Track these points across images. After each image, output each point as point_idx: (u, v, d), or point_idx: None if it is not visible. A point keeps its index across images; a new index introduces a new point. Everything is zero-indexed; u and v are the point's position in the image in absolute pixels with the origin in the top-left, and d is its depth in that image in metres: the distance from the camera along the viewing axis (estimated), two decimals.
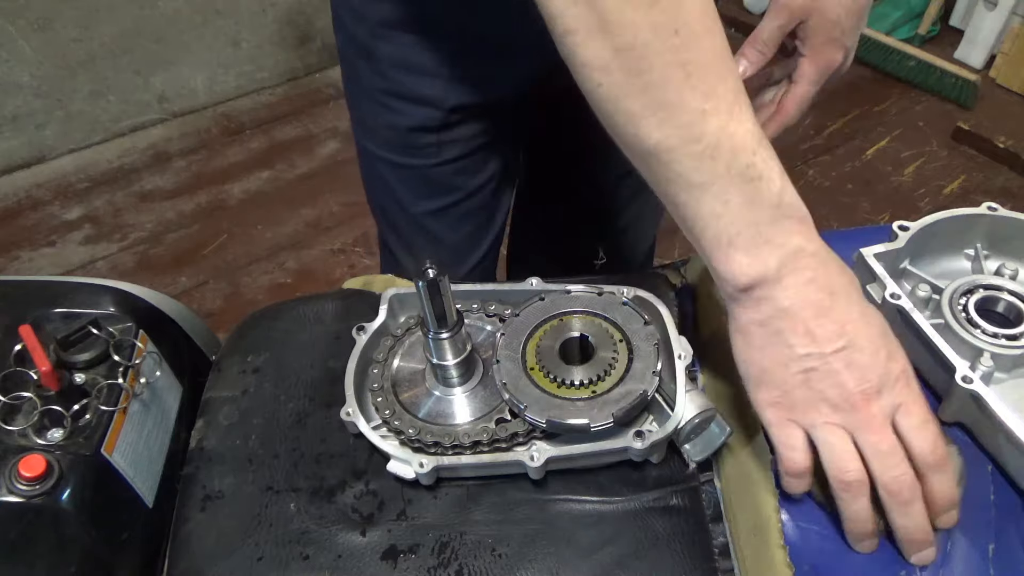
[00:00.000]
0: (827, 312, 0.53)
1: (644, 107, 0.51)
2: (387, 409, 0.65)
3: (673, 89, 0.50)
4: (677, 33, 0.49)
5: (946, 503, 0.54)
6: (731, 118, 0.51)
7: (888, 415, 0.53)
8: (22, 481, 0.58)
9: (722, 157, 0.51)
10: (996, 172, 2.37)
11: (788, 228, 0.53)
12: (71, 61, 2.27)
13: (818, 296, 0.53)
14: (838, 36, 0.73)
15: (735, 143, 0.51)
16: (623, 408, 0.61)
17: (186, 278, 2.06)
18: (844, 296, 0.54)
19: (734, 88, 0.52)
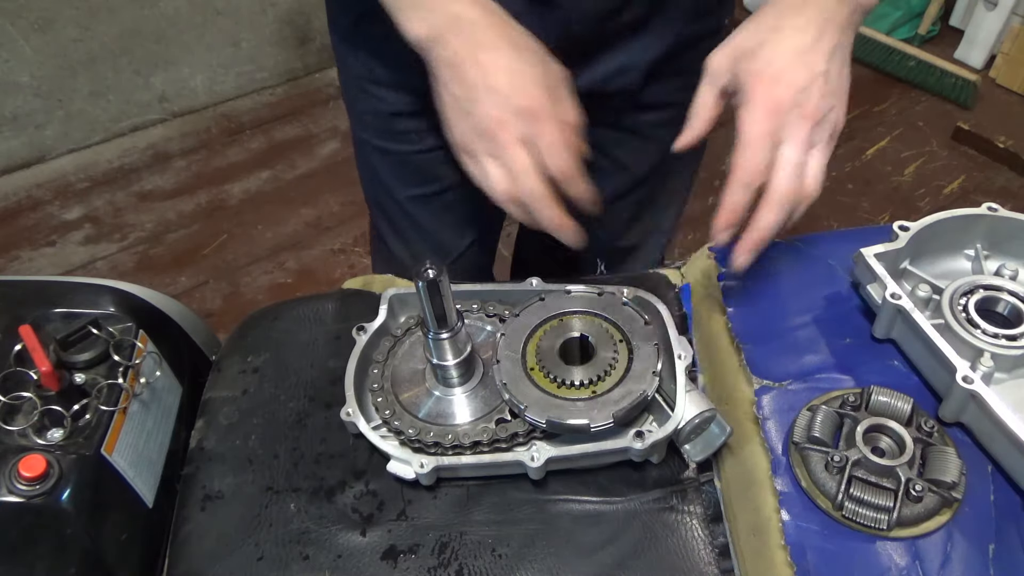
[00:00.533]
0: (476, 64, 0.65)
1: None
2: (387, 409, 0.65)
3: None
4: None
5: (587, 200, 0.69)
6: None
7: (522, 139, 0.65)
8: (22, 481, 0.58)
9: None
10: (996, 172, 2.37)
11: (442, 2, 0.65)
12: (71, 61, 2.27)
13: (469, 52, 0.65)
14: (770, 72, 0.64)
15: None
16: (623, 408, 0.61)
17: (186, 278, 2.06)
18: (492, 50, 0.65)
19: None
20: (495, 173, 0.67)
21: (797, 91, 0.63)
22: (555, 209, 0.67)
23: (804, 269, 0.76)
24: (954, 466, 0.58)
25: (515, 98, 0.65)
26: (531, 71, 0.66)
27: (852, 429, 0.61)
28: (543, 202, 0.66)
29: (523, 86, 0.66)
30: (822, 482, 0.59)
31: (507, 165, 0.66)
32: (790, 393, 0.65)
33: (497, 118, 0.65)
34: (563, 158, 0.66)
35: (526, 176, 0.66)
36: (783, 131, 0.63)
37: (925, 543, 0.56)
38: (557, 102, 0.67)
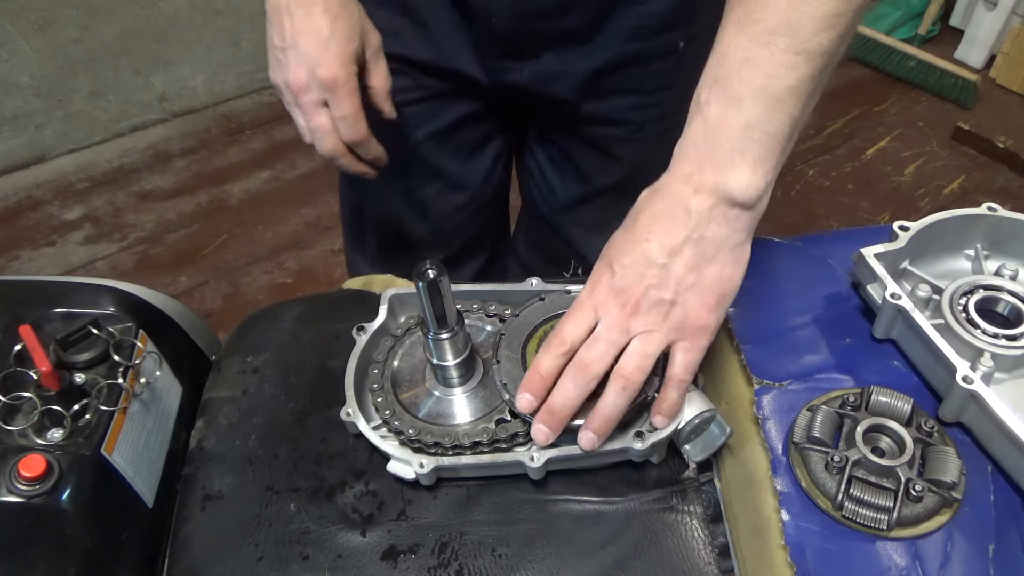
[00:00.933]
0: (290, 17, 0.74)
1: None
2: (387, 409, 0.65)
3: None
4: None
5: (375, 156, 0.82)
6: None
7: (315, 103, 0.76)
8: (22, 481, 0.58)
9: None
10: (996, 172, 2.37)
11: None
12: (71, 61, 2.27)
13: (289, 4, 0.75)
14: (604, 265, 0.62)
15: None
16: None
17: (186, 278, 2.06)
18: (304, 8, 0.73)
19: None
20: (302, 126, 0.77)
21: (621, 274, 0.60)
22: (350, 159, 0.79)
23: (804, 269, 0.76)
24: (954, 466, 0.58)
25: (318, 68, 0.72)
26: (336, 44, 0.72)
27: (852, 429, 0.61)
28: (340, 157, 0.79)
29: (326, 58, 0.72)
30: (822, 482, 0.59)
31: (309, 125, 0.76)
32: (790, 393, 0.65)
33: (302, 80, 0.74)
34: (353, 128, 0.76)
35: (325, 137, 0.77)
36: (600, 309, 0.60)
37: (925, 543, 0.56)
38: (355, 75, 0.74)
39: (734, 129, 0.57)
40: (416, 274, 0.58)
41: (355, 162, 0.80)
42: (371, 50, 0.77)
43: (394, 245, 1.08)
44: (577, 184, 1.02)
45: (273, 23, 0.74)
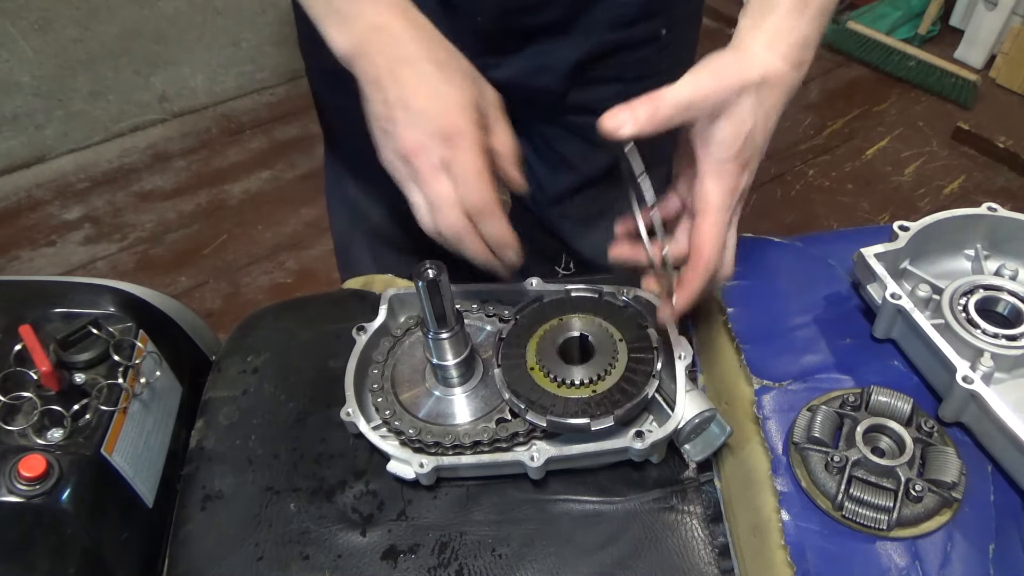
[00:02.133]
0: (396, 80, 0.61)
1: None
2: (387, 409, 0.65)
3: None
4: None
5: (500, 243, 0.63)
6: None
7: (439, 166, 0.61)
8: (22, 481, 0.58)
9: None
10: (996, 172, 2.37)
11: (361, 9, 0.62)
12: (71, 61, 2.27)
13: (389, 66, 0.61)
14: (746, 153, 0.61)
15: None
16: (623, 408, 0.61)
17: (186, 278, 2.06)
18: (412, 66, 0.61)
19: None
20: (419, 202, 0.63)
21: (749, 176, 0.62)
22: (477, 243, 0.63)
23: (804, 269, 0.76)
24: (954, 466, 0.58)
25: (434, 120, 0.61)
26: (453, 91, 0.62)
27: (852, 429, 0.61)
28: (463, 237, 0.62)
29: (443, 107, 0.61)
30: (822, 482, 0.59)
31: (428, 196, 0.62)
32: (790, 393, 0.65)
33: (416, 142, 0.61)
34: (478, 191, 0.61)
35: (446, 209, 0.61)
36: (733, 217, 0.62)
37: (925, 543, 0.56)
38: (480, 127, 0.63)
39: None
40: (416, 274, 0.58)
41: (484, 249, 0.63)
42: (489, 105, 0.66)
43: (385, 250, 1.08)
44: (566, 175, 1.01)
45: (373, 94, 0.62)
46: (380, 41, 0.62)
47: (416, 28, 0.63)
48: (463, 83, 0.63)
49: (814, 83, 2.68)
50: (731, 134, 0.60)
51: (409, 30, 0.62)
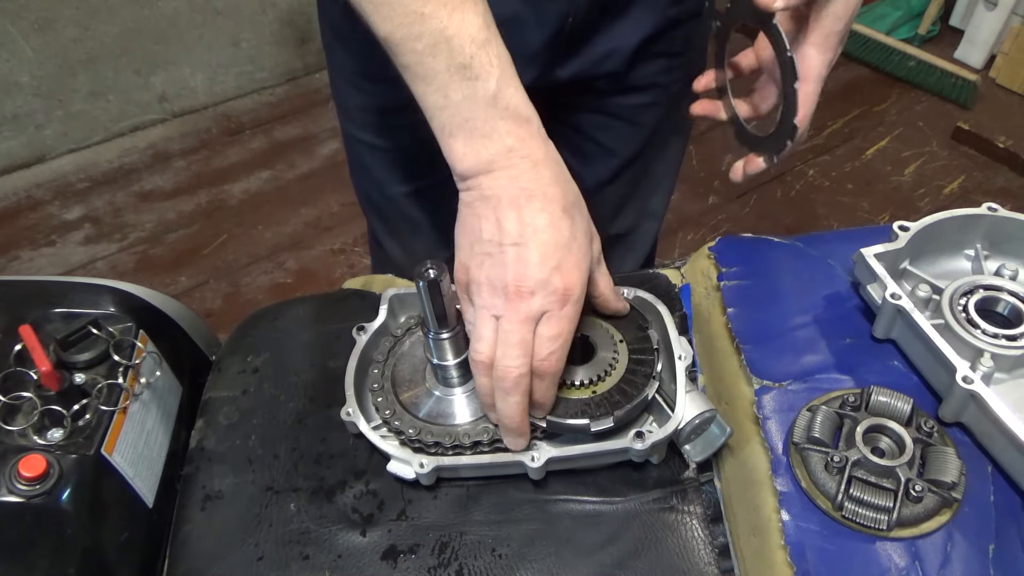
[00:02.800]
0: (519, 209, 0.58)
1: (372, 1, 0.58)
2: (387, 409, 0.65)
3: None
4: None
5: (541, 405, 0.61)
6: (451, 22, 0.56)
7: (532, 316, 0.57)
8: (22, 481, 0.58)
9: (441, 56, 0.57)
10: (996, 172, 2.37)
11: (502, 128, 0.58)
12: (71, 61, 2.27)
13: (515, 193, 0.58)
14: (845, 32, 0.68)
15: (452, 44, 0.56)
16: (623, 409, 0.61)
17: (186, 278, 2.06)
18: (542, 201, 0.58)
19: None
20: (485, 333, 0.58)
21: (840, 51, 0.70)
22: (520, 402, 0.58)
23: (804, 269, 0.76)
24: (954, 466, 0.58)
25: (553, 275, 0.57)
26: (576, 247, 0.58)
27: (852, 429, 0.61)
28: (513, 389, 0.58)
29: (566, 264, 0.57)
30: (822, 482, 0.59)
31: (501, 335, 0.57)
32: (790, 393, 0.65)
33: (524, 283, 0.57)
34: (558, 358, 0.58)
35: (513, 358, 0.57)
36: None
37: (925, 543, 0.56)
38: (585, 288, 0.60)
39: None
40: (416, 274, 0.58)
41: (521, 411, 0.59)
42: (596, 255, 0.63)
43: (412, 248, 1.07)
44: (604, 162, 1.02)
45: (486, 213, 0.58)
46: (515, 166, 0.58)
47: (554, 164, 0.60)
48: (584, 239, 0.60)
49: None
50: (843, 9, 0.66)
51: (546, 164, 0.59)
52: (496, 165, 0.58)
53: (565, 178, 0.60)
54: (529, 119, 0.59)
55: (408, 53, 0.58)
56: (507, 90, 0.58)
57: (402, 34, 0.57)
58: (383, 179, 1.00)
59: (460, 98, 0.58)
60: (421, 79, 0.59)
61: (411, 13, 0.56)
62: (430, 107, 0.59)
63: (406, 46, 0.58)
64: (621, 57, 0.87)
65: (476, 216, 0.59)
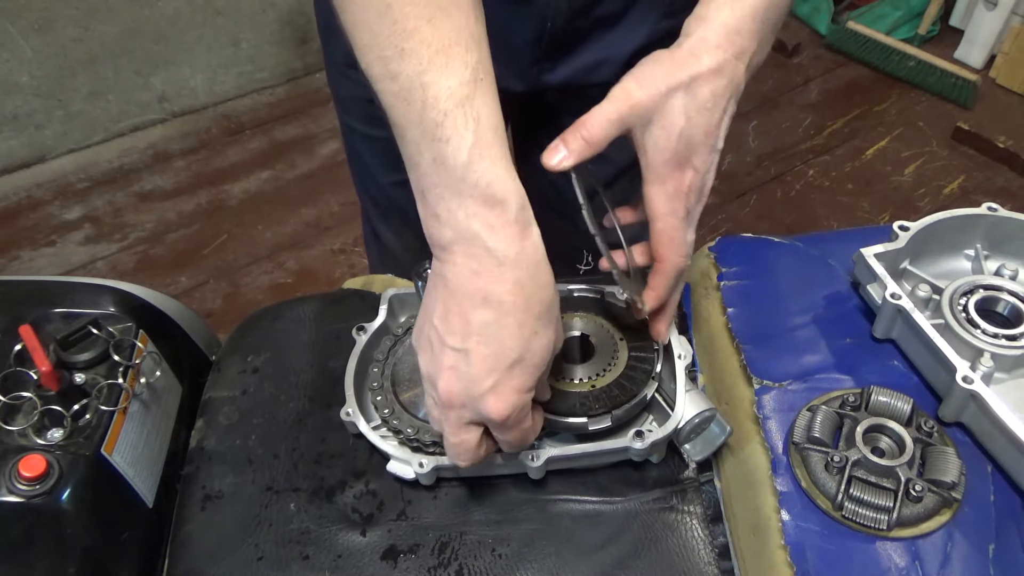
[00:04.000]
0: (469, 310, 0.51)
1: (354, 23, 0.51)
2: (386, 408, 0.65)
3: (374, 15, 0.49)
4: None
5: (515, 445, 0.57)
6: (431, 67, 0.49)
7: (464, 421, 0.55)
8: (22, 481, 0.58)
9: (414, 105, 0.49)
10: (996, 172, 2.37)
11: (469, 208, 0.50)
12: (71, 61, 2.27)
13: (471, 290, 0.51)
14: (684, 152, 0.58)
15: (428, 95, 0.49)
16: (623, 409, 0.61)
17: (186, 278, 2.06)
18: (497, 311, 0.51)
19: (448, 39, 0.49)
20: (432, 412, 0.57)
21: (703, 175, 0.60)
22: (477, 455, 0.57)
23: (804, 269, 0.76)
24: (954, 466, 0.58)
25: (486, 398, 0.52)
26: (524, 367, 0.53)
27: (852, 429, 0.61)
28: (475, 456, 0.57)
29: (504, 387, 0.52)
30: (822, 482, 0.59)
31: (452, 439, 0.56)
32: (790, 393, 0.65)
33: (452, 400, 0.54)
34: (511, 441, 0.57)
35: (457, 449, 0.57)
36: (689, 215, 0.61)
37: (925, 543, 0.56)
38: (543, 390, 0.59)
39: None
40: (415, 274, 0.58)
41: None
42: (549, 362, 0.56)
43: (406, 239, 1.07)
44: (600, 168, 1.02)
45: (439, 296, 0.53)
46: (476, 259, 0.50)
47: (526, 265, 0.51)
48: (540, 354, 0.53)
49: (814, 83, 2.68)
50: (663, 137, 0.58)
51: (516, 264, 0.51)
52: (457, 250, 0.51)
53: (537, 283, 0.52)
54: (504, 201, 0.50)
55: (384, 94, 0.51)
56: (480, 162, 0.49)
57: (379, 70, 0.50)
58: (375, 167, 1.00)
59: (430, 159, 0.50)
60: (396, 126, 0.52)
61: (391, 47, 0.49)
62: (406, 158, 0.53)
63: (382, 85, 0.51)
64: (613, 66, 0.86)
65: (432, 290, 0.54)
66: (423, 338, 0.56)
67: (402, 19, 0.48)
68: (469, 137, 0.49)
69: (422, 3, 0.49)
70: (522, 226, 0.51)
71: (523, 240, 0.51)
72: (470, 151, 0.49)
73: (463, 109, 0.49)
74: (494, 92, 0.51)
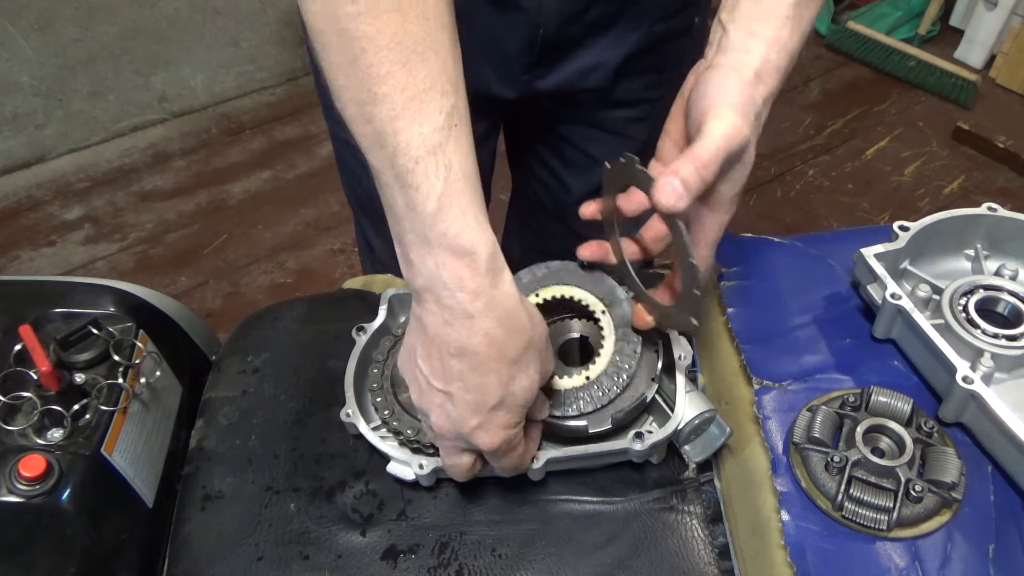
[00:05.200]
0: (444, 360, 0.52)
1: (330, 66, 0.50)
2: (386, 409, 0.65)
3: (348, 59, 0.48)
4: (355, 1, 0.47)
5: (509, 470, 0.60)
6: (404, 113, 0.48)
7: (458, 448, 0.57)
8: (22, 481, 0.58)
9: (386, 150, 0.49)
10: (996, 172, 2.37)
11: (438, 257, 0.49)
12: (71, 61, 2.27)
13: (445, 340, 0.51)
14: (738, 192, 0.58)
15: (399, 141, 0.48)
16: (622, 411, 0.61)
17: (186, 278, 2.06)
18: (471, 361, 0.51)
19: (423, 84, 0.48)
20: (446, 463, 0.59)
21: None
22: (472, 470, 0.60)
23: (804, 269, 0.76)
24: (954, 466, 0.58)
25: (476, 434, 0.54)
26: (509, 406, 0.53)
27: (852, 429, 0.61)
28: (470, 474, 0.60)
29: (491, 424, 0.53)
30: (822, 482, 0.59)
31: (448, 460, 0.59)
32: (790, 393, 0.65)
33: (444, 435, 0.55)
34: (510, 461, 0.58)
35: (455, 470, 0.59)
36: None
37: (925, 543, 0.56)
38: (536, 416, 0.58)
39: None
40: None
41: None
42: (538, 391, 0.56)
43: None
44: (595, 172, 1.02)
45: (420, 338, 0.53)
46: (448, 309, 0.50)
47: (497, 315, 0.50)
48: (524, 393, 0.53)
49: (814, 83, 2.68)
50: (742, 173, 0.57)
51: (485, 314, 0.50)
52: (429, 297, 0.51)
53: (510, 330, 0.51)
54: (472, 252, 0.49)
55: (360, 136, 0.50)
56: (449, 211, 0.49)
57: (354, 112, 0.50)
58: (362, 175, 1.00)
59: (402, 205, 0.49)
60: (373, 169, 0.51)
61: (365, 91, 0.48)
62: (382, 200, 0.52)
63: (357, 127, 0.50)
64: (605, 72, 0.86)
65: (412, 330, 0.55)
66: (409, 372, 0.56)
67: (376, 63, 0.47)
68: (439, 185, 0.48)
69: (397, 48, 0.48)
70: (493, 275, 0.50)
71: (493, 289, 0.50)
72: (439, 199, 0.48)
73: (434, 156, 0.48)
74: (469, 138, 0.51)
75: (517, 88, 0.86)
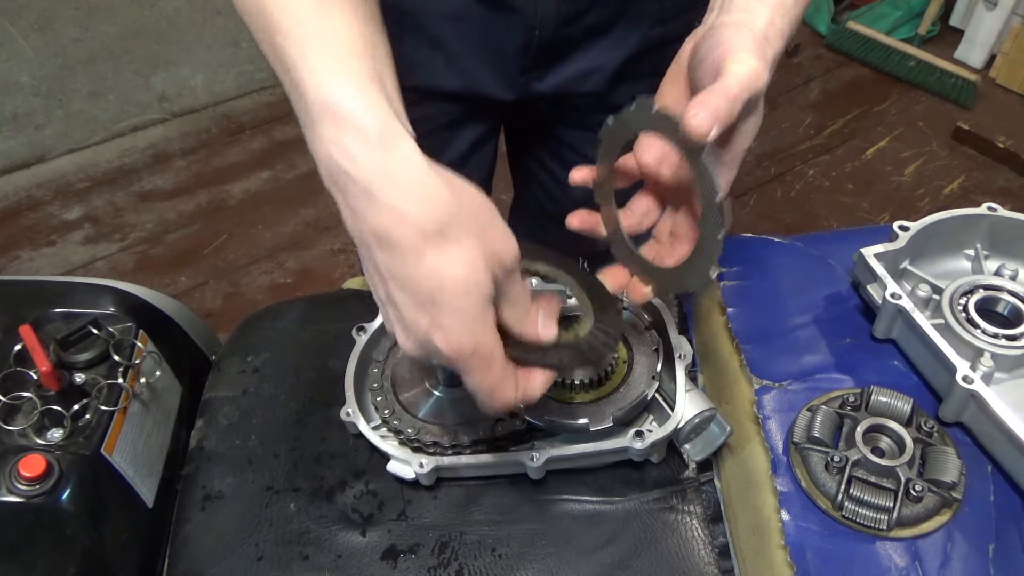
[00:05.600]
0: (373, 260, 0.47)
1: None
2: (386, 409, 0.65)
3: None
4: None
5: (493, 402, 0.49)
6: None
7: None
8: (22, 481, 0.58)
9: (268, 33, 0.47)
10: (996, 172, 2.37)
11: (323, 133, 0.46)
12: (71, 61, 2.27)
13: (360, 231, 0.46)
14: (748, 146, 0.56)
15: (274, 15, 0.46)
16: (623, 409, 0.61)
17: (186, 278, 2.06)
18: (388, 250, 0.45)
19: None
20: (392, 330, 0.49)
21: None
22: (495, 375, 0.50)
23: (804, 269, 0.76)
24: (954, 466, 0.58)
25: (432, 337, 0.46)
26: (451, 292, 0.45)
27: (852, 429, 0.61)
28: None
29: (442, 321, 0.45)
30: (822, 482, 0.59)
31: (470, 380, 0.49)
32: (790, 393, 0.65)
33: (408, 350, 0.48)
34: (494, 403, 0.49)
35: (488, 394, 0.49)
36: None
37: (925, 543, 0.56)
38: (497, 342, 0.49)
39: None
40: None
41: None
42: (503, 275, 0.48)
43: None
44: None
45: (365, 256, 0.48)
46: (349, 193, 0.45)
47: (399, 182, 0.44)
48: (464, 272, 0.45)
49: (814, 83, 2.68)
50: (754, 124, 0.54)
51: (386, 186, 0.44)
52: (335, 191, 0.46)
53: (421, 203, 0.44)
54: (353, 113, 0.44)
55: (262, 44, 0.48)
56: (330, 84, 0.44)
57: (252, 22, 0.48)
58: None
59: (288, 84, 0.46)
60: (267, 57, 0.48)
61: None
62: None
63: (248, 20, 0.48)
64: (603, 76, 0.86)
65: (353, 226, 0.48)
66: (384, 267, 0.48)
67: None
68: (316, 60, 0.45)
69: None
70: (387, 146, 0.44)
71: (389, 159, 0.44)
72: (317, 73, 0.45)
73: (307, 27, 0.45)
74: (354, 10, 0.47)
75: (514, 90, 0.86)
